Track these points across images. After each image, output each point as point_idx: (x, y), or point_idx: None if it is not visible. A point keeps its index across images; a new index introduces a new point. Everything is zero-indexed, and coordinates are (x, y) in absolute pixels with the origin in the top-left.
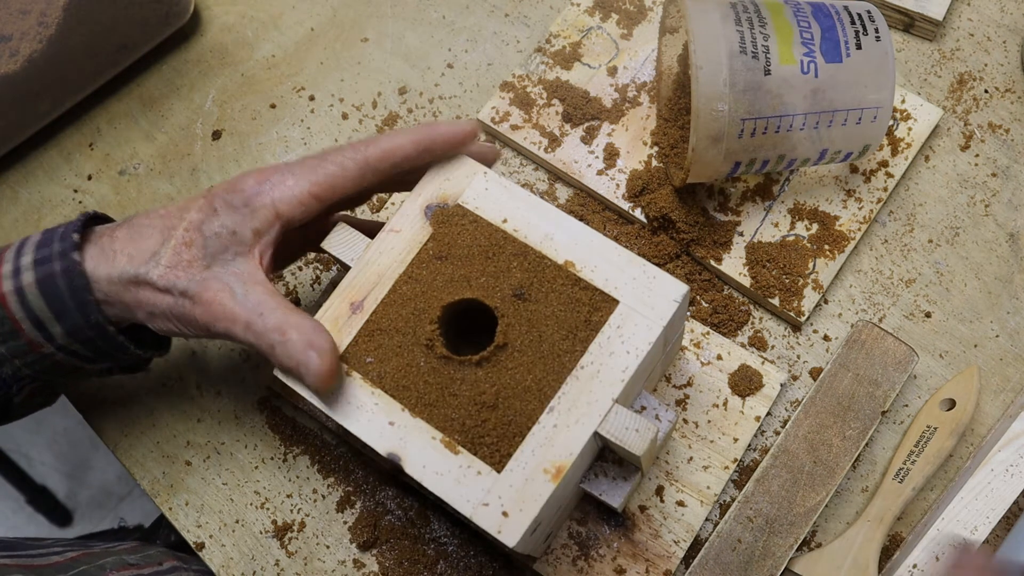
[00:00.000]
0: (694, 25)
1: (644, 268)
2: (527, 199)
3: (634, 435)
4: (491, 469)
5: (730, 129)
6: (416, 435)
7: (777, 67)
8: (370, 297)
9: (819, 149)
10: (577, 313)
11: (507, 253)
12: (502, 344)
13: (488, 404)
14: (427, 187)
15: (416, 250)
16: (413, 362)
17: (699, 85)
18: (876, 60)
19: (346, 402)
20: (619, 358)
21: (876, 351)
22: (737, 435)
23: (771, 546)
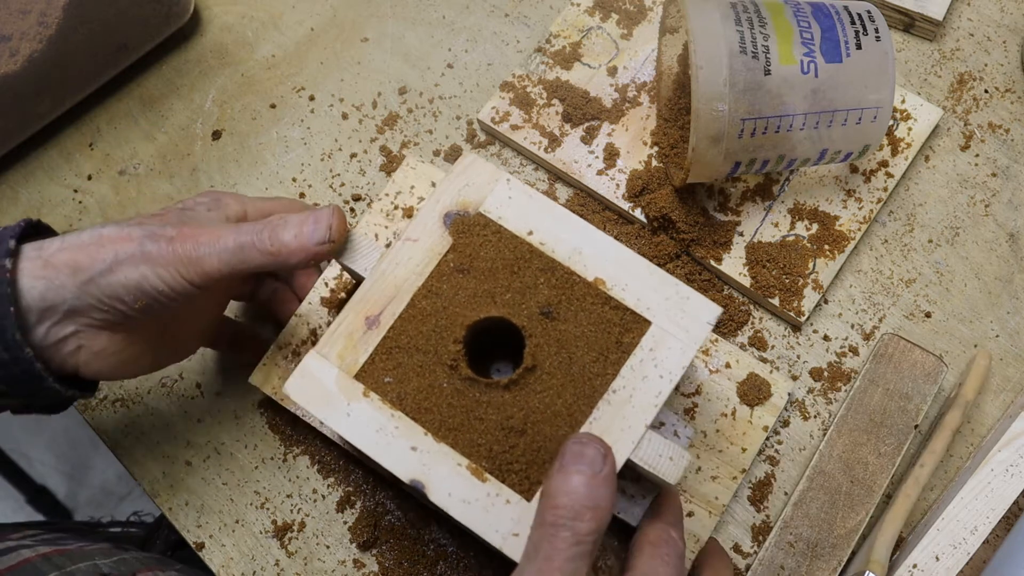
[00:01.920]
0: (694, 25)
1: (677, 288)
2: (553, 210)
3: (668, 463)
4: (520, 498)
5: (730, 129)
6: (440, 461)
7: (777, 67)
8: (387, 311)
9: (819, 149)
10: (608, 334)
11: (534, 268)
12: (531, 366)
13: (516, 429)
14: (446, 193)
15: (435, 261)
16: (436, 383)
17: (699, 85)
18: (876, 60)
19: (364, 424)
20: (652, 382)
21: (904, 364)
22: (745, 445)
23: (814, 570)
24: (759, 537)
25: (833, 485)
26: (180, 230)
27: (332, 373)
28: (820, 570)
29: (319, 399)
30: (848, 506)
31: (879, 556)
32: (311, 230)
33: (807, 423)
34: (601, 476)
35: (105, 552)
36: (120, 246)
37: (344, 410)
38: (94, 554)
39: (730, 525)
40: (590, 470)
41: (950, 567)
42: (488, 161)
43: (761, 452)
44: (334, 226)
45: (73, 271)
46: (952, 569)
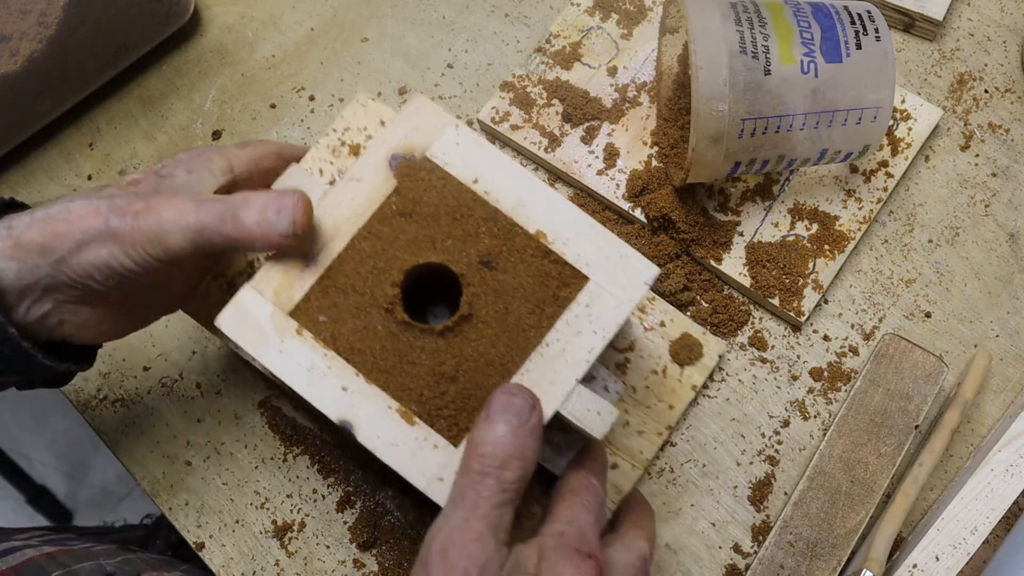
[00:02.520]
0: (694, 25)
1: (618, 247)
2: (501, 160)
3: (596, 418)
4: (448, 443)
5: (730, 129)
6: (371, 403)
7: (777, 67)
8: (326, 250)
9: (819, 149)
10: (546, 287)
11: (476, 216)
12: (467, 314)
13: (448, 376)
14: (393, 135)
15: (378, 203)
16: (370, 325)
17: (699, 85)
18: (876, 60)
19: (296, 362)
20: (586, 338)
21: (905, 364)
22: (673, 403)
23: (814, 570)
24: (759, 537)
25: (833, 485)
26: (147, 203)
27: (267, 309)
28: (820, 570)
29: (252, 335)
30: (848, 506)
31: (877, 554)
32: (275, 219)
33: (807, 423)
34: (527, 427)
35: (110, 552)
36: (87, 223)
37: (277, 347)
38: (99, 554)
39: (730, 525)
40: (517, 420)
41: (950, 567)
42: (438, 105)
43: (761, 452)
44: (298, 221)
45: (42, 251)
46: (952, 569)
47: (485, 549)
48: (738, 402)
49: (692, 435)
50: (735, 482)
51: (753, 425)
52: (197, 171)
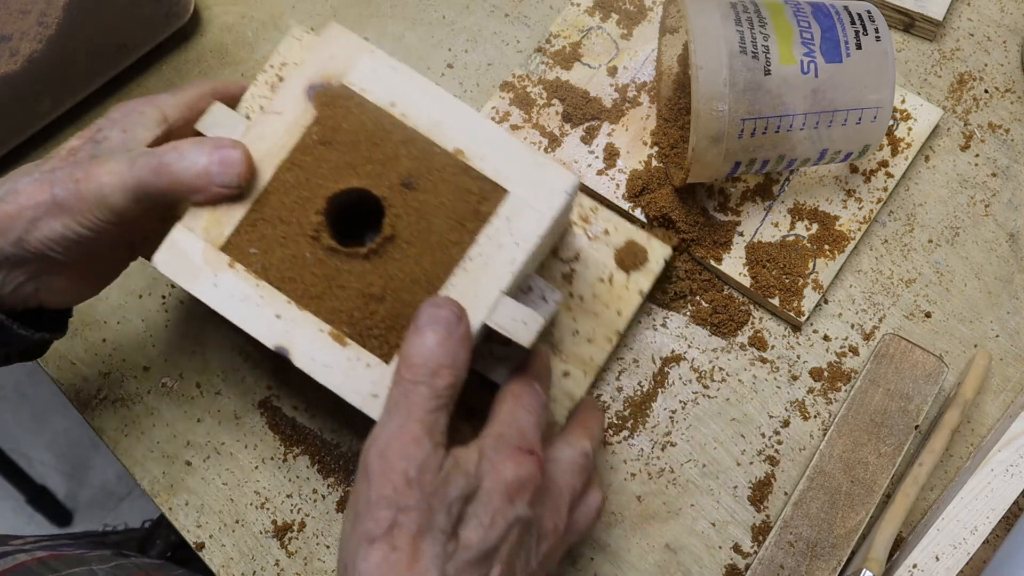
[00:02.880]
0: (694, 25)
1: (535, 158)
2: (416, 81)
3: (521, 327)
4: (380, 361)
5: (730, 129)
6: (303, 328)
7: (777, 67)
8: (251, 184)
9: (819, 149)
10: (466, 203)
11: (395, 139)
12: (390, 236)
13: (376, 296)
14: (310, 65)
15: (299, 134)
16: (299, 253)
17: (699, 85)
18: (876, 60)
19: (230, 294)
20: (507, 250)
21: (905, 364)
22: (620, 308)
23: (814, 570)
24: (759, 537)
25: (833, 485)
26: (86, 170)
27: (199, 246)
28: (820, 570)
29: (186, 271)
30: (848, 506)
31: (877, 554)
32: (218, 173)
33: (807, 423)
34: (455, 336)
35: (103, 558)
36: (35, 199)
37: (211, 281)
38: (91, 560)
39: (730, 525)
40: (445, 330)
41: (950, 567)
42: (353, 33)
43: (761, 452)
44: (243, 174)
45: (1, 232)
46: (952, 569)
47: (422, 450)
48: (738, 402)
49: (692, 435)
50: (735, 482)
51: (753, 425)
52: (131, 128)
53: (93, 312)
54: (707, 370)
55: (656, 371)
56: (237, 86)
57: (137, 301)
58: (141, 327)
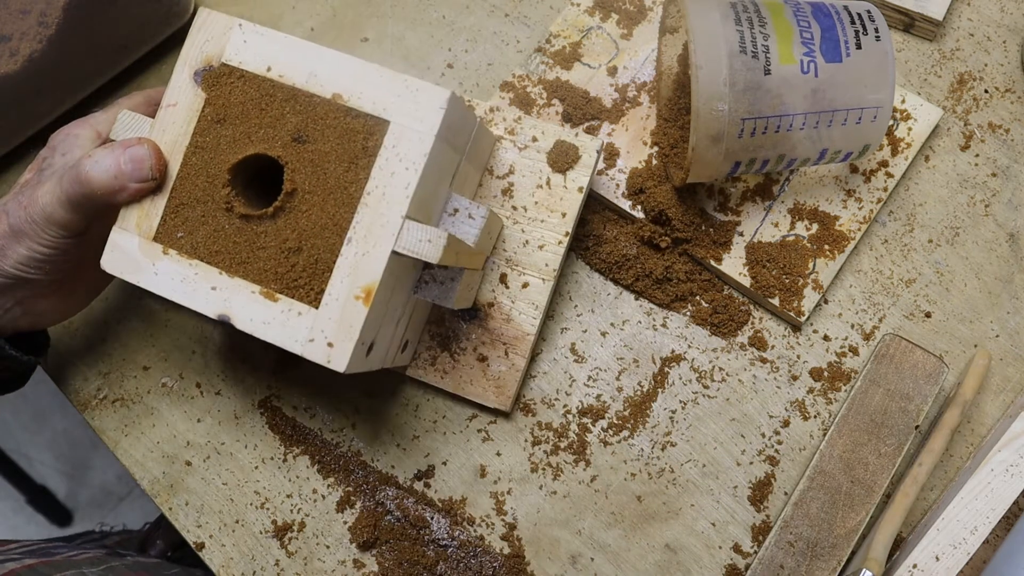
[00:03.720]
0: (694, 24)
1: (406, 83)
2: (283, 40)
3: (428, 246)
4: (309, 307)
5: (730, 129)
6: (237, 293)
7: (777, 67)
8: (166, 175)
9: (819, 149)
10: (354, 143)
11: (278, 100)
12: (291, 191)
13: (293, 249)
14: (190, 53)
15: (195, 119)
16: (219, 227)
17: (699, 84)
18: (876, 60)
19: (170, 278)
20: (400, 176)
21: (905, 365)
22: (564, 210)
23: (814, 570)
24: (759, 537)
25: (833, 485)
26: (30, 195)
27: (134, 241)
28: (820, 570)
29: (129, 267)
30: (848, 506)
31: (876, 554)
32: (131, 170)
33: (807, 423)
34: None
35: (95, 560)
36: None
37: (151, 271)
38: (81, 563)
39: (730, 525)
40: None
41: (950, 567)
42: (219, 13)
43: (761, 452)
44: (155, 165)
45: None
46: (952, 569)
47: None
48: (738, 402)
49: (692, 435)
50: (735, 482)
51: (753, 425)
52: (69, 150)
53: (93, 312)
54: (707, 370)
55: (656, 371)
56: None
57: (137, 301)
58: (141, 327)
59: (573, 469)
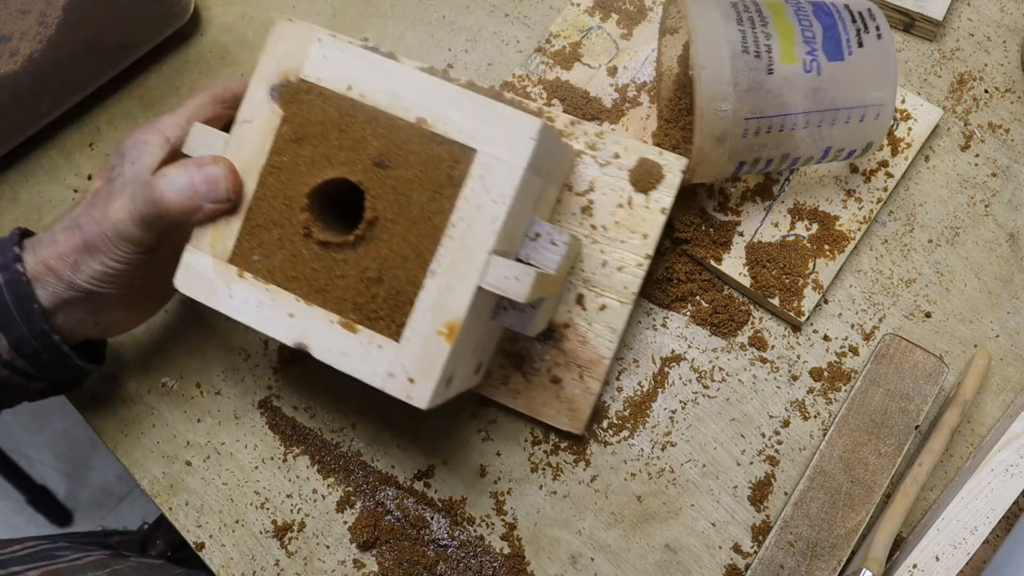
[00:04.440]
0: (696, 25)
1: (495, 110)
2: (366, 58)
3: (515, 284)
4: (390, 340)
5: (734, 129)
6: (315, 322)
7: (779, 66)
8: (241, 196)
9: (822, 147)
10: (439, 170)
11: (359, 121)
12: (373, 219)
13: (373, 279)
14: (266, 67)
15: (272, 137)
16: (296, 252)
17: (702, 85)
18: (878, 58)
19: (246, 302)
20: (487, 209)
21: (905, 365)
22: (646, 231)
23: (814, 570)
24: (759, 537)
25: (833, 485)
26: (102, 210)
27: (208, 262)
28: (820, 570)
29: (203, 288)
30: (848, 506)
31: (876, 554)
32: (207, 191)
33: (807, 423)
34: None
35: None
36: (70, 245)
37: (226, 293)
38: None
39: (730, 525)
40: None
41: (950, 567)
42: (298, 24)
43: (761, 452)
44: (231, 187)
45: (56, 276)
46: (952, 569)
47: None
48: (738, 402)
49: (692, 435)
50: (735, 482)
51: (753, 425)
52: (138, 158)
53: None
54: (707, 370)
55: (656, 371)
56: (238, 85)
57: None
58: (141, 327)
59: (573, 469)
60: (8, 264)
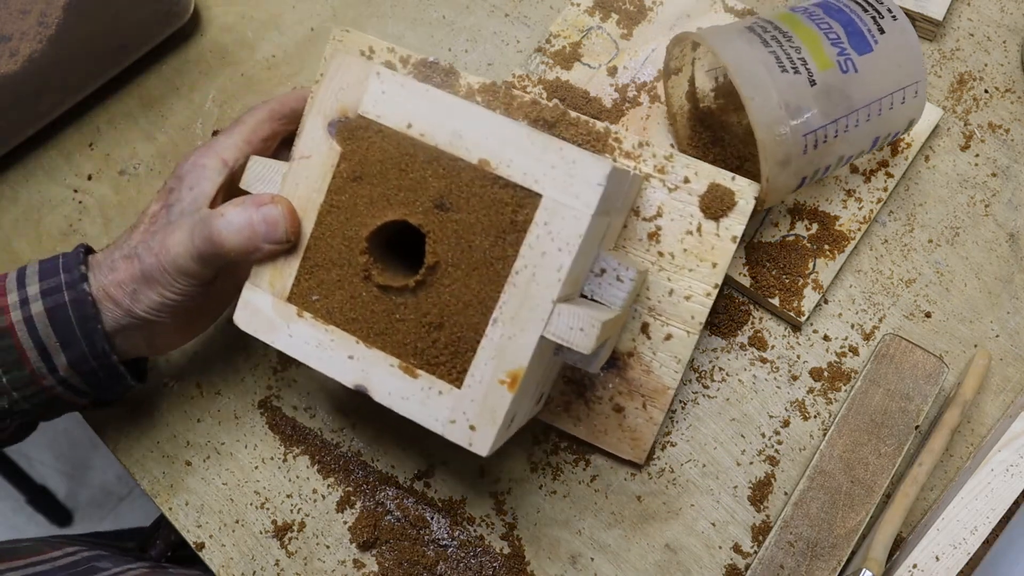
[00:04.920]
0: (727, 58)
1: (562, 153)
2: (426, 95)
3: (579, 335)
4: (451, 387)
5: (795, 148)
6: (375, 365)
7: (819, 75)
8: (299, 236)
9: (871, 139)
10: (501, 215)
11: (420, 161)
12: (434, 264)
13: (435, 324)
14: (324, 101)
15: (330, 174)
16: (356, 294)
17: (755, 115)
18: (901, 38)
19: (305, 342)
20: (552, 257)
21: (905, 365)
22: (715, 260)
23: (814, 570)
24: (759, 537)
25: (833, 485)
26: (162, 242)
27: (268, 300)
28: (820, 570)
29: (263, 326)
30: (848, 506)
31: (876, 554)
32: (266, 232)
33: (807, 423)
34: None
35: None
36: (129, 274)
37: (286, 332)
38: None
39: (730, 525)
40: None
41: (950, 567)
42: (354, 56)
43: (761, 452)
44: (290, 228)
45: (115, 303)
46: (952, 569)
47: None
48: (738, 402)
49: (692, 435)
50: (735, 482)
51: (753, 425)
52: (196, 183)
53: None
54: (707, 370)
55: None
56: (295, 99)
57: None
58: None
59: (573, 469)
60: (74, 283)
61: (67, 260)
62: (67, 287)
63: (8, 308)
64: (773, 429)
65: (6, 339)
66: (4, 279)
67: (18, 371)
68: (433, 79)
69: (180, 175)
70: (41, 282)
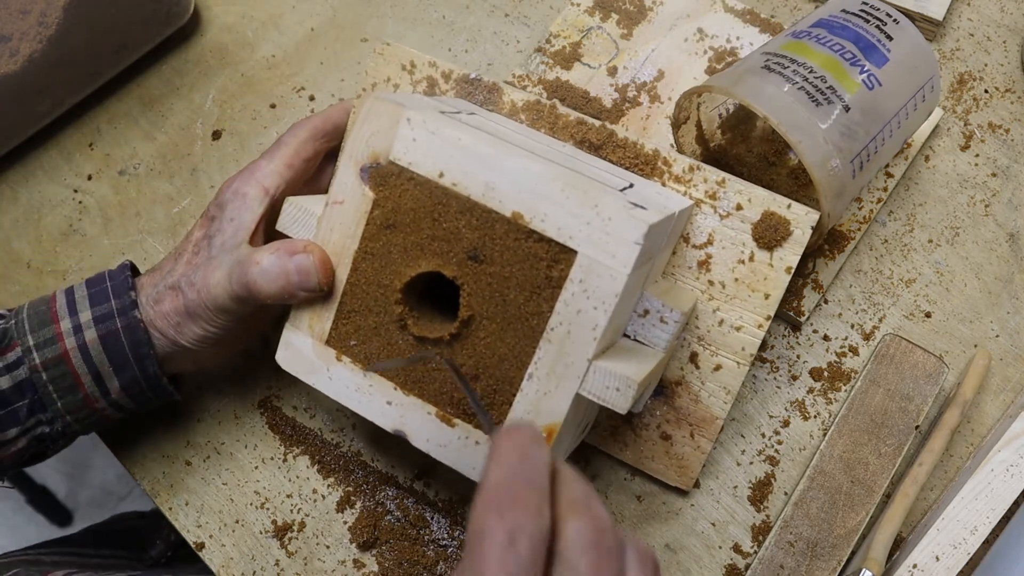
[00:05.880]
0: (762, 106)
1: (597, 209)
2: (457, 144)
3: (615, 394)
4: (487, 438)
5: (846, 177)
6: (413, 411)
7: (850, 98)
8: (335, 278)
9: (903, 140)
10: (536, 270)
11: (452, 211)
12: (467, 317)
13: (471, 376)
14: (355, 146)
15: (364, 221)
16: (392, 341)
17: (807, 157)
18: (908, 39)
19: (345, 385)
20: (587, 315)
21: (905, 365)
22: (768, 291)
23: (814, 570)
24: (759, 537)
25: (833, 485)
26: (203, 279)
27: (308, 342)
28: (820, 570)
29: (304, 367)
30: (848, 506)
31: (876, 554)
32: (299, 281)
33: (807, 423)
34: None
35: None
36: (174, 306)
37: (326, 374)
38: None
39: (730, 525)
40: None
41: (950, 567)
42: (386, 99)
43: (761, 452)
44: (323, 279)
45: (161, 333)
46: (952, 569)
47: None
48: (738, 402)
49: None
50: (735, 482)
51: (753, 425)
52: (238, 214)
53: None
54: None
55: None
56: (338, 113)
57: None
58: None
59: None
60: (126, 309)
61: (116, 286)
62: (119, 314)
63: (63, 335)
64: (773, 429)
65: (61, 366)
66: (54, 303)
67: (72, 396)
68: (476, 96)
69: (221, 203)
70: (92, 308)
